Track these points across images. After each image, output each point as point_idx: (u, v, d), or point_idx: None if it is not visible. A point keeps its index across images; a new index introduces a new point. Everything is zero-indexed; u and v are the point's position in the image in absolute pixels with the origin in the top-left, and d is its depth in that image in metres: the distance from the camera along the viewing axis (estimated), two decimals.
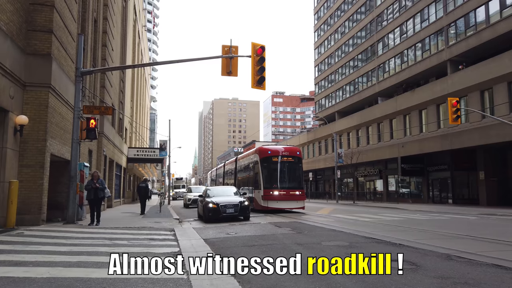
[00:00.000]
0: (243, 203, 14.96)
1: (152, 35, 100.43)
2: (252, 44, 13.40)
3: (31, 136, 11.83)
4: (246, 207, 14.99)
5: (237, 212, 14.68)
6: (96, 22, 20.01)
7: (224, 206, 14.65)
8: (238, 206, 14.77)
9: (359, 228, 12.36)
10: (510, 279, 5.54)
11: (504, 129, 25.15)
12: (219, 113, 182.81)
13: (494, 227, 13.58)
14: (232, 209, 14.64)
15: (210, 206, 14.64)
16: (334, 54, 57.10)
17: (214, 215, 14.52)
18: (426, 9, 36.88)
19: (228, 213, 14.57)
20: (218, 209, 14.53)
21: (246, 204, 15.03)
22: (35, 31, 12.13)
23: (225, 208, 14.62)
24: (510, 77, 26.42)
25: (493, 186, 30.67)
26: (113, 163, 26.00)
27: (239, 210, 14.74)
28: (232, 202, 14.89)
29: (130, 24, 36.06)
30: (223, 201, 14.88)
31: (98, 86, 20.62)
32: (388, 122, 40.81)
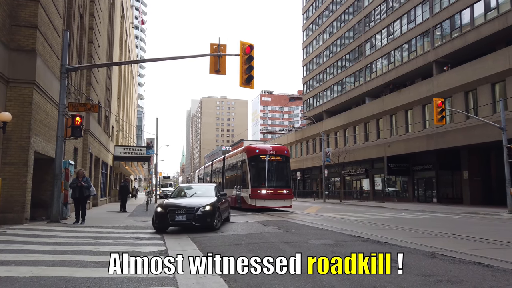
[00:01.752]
0: (203, 208, 10.74)
1: (139, 32, 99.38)
2: (240, 43, 13.38)
3: (14, 133, 11.60)
4: (207, 213, 10.73)
5: (190, 220, 10.49)
6: (82, 18, 19.72)
7: (173, 211, 10.55)
8: (193, 212, 10.54)
9: (346, 227, 12.48)
10: (491, 276, 5.66)
11: (487, 129, 25.65)
12: (207, 111, 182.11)
13: (477, 225, 13.85)
14: (183, 216, 10.50)
15: (157, 211, 10.83)
16: (322, 54, 57.40)
17: (161, 222, 10.69)
18: (413, 10, 37.35)
19: (177, 221, 10.55)
20: (165, 214, 10.54)
21: (208, 209, 10.76)
22: (19, 26, 11.89)
23: (174, 214, 10.52)
24: (493, 78, 26.96)
25: (476, 185, 31.28)
26: (99, 161, 25.69)
27: (194, 217, 10.50)
28: (188, 206, 10.80)
29: (117, 21, 35.63)
30: (176, 204, 10.95)
31: (84, 83, 20.33)
32: (375, 122, 41.23)
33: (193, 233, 10.64)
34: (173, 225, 10.93)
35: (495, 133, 24.47)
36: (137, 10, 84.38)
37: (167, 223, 10.75)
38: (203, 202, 11.17)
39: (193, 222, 10.57)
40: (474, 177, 31.32)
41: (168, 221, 10.65)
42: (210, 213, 10.92)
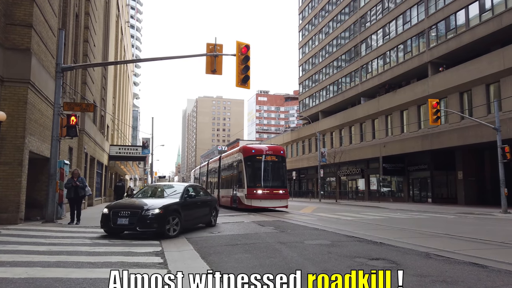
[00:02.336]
0: (151, 211, 9.30)
1: (135, 31, 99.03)
2: (237, 43, 13.37)
3: (9, 133, 11.52)
4: (154, 218, 9.24)
5: (133, 224, 9.24)
6: (77, 17, 19.61)
7: (116, 213, 9.45)
8: (137, 216, 9.24)
9: (341, 227, 12.51)
10: (486, 276, 5.70)
11: (481, 130, 25.83)
12: (203, 111, 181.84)
13: (472, 226, 13.94)
14: (125, 220, 9.28)
15: (103, 211, 9.83)
16: (318, 54, 57.50)
17: (105, 225, 9.64)
18: (408, 11, 37.49)
19: (119, 224, 9.34)
20: (108, 216, 9.50)
21: (156, 213, 9.27)
22: (14, 25, 11.80)
23: (117, 216, 9.40)
24: (488, 79, 27.13)
25: (471, 185, 31.49)
26: (94, 161, 25.57)
27: (137, 221, 9.19)
28: (134, 207, 9.55)
29: (113, 20, 35.47)
30: (122, 205, 9.92)
31: (79, 83, 20.22)
32: (371, 122, 41.37)
33: (189, 233, 10.62)
34: (116, 229, 9.60)
35: (490, 134, 24.65)
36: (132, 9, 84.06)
37: (110, 226, 9.53)
38: (157, 204, 9.70)
39: (137, 227, 9.25)
40: (469, 178, 31.52)
41: (110, 224, 9.44)
42: (159, 218, 9.29)
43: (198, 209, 11.49)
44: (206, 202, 12.22)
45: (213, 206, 12.66)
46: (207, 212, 12.17)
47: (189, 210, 10.77)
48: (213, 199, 13.21)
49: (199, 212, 11.56)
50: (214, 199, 13.22)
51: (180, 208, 10.14)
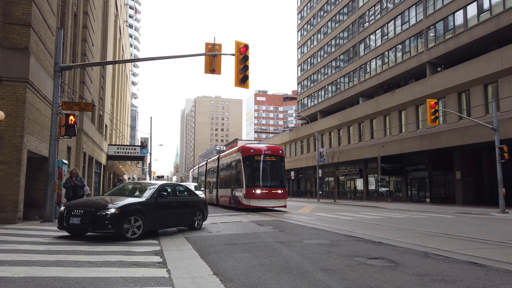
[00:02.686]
0: (104, 211, 8.54)
1: (133, 30, 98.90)
2: (235, 43, 13.38)
3: (7, 132, 11.49)
4: (109, 218, 8.46)
5: (84, 224, 8.55)
6: (76, 17, 19.58)
7: (70, 211, 8.81)
8: (89, 216, 8.54)
9: (340, 227, 12.52)
10: (485, 276, 5.72)
11: (480, 130, 25.91)
12: (202, 111, 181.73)
13: (470, 225, 13.98)
14: (77, 219, 8.61)
15: (60, 209, 9.40)
16: (317, 54, 57.55)
17: (60, 223, 9.02)
18: (407, 11, 37.57)
19: (71, 224, 8.69)
20: (63, 215, 8.90)
21: (112, 213, 8.51)
22: (12, 24, 11.78)
23: (70, 215, 8.75)
24: (486, 79, 27.21)
25: (469, 185, 31.58)
26: (93, 160, 25.54)
27: (89, 221, 8.51)
28: (86, 206, 8.86)
29: (111, 19, 35.43)
30: (78, 204, 9.27)
31: (77, 82, 20.20)
32: (369, 122, 41.43)
33: (186, 232, 10.62)
34: (68, 228, 8.90)
35: (488, 134, 24.73)
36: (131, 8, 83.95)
37: (63, 226, 8.88)
38: (118, 203, 8.98)
39: (89, 228, 8.61)
40: (467, 177, 31.62)
41: (64, 223, 8.81)
42: (114, 218, 8.48)
43: (174, 210, 10.51)
44: (186, 203, 11.21)
45: (197, 207, 11.55)
46: (189, 214, 11.13)
47: (160, 210, 9.87)
48: (198, 200, 11.96)
49: (175, 214, 10.60)
50: (199, 200, 11.95)
51: (144, 208, 9.25)
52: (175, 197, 11.07)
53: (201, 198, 12.47)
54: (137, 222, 8.99)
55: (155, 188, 10.20)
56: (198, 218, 11.54)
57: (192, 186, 24.18)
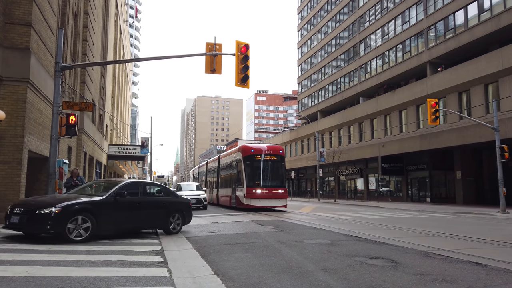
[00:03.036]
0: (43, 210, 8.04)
1: (134, 30, 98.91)
2: (236, 42, 13.37)
3: (8, 132, 11.50)
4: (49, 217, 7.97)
5: (23, 223, 8.14)
6: (76, 16, 19.59)
7: (12, 210, 8.45)
8: (28, 214, 8.10)
9: (341, 226, 12.52)
10: (485, 275, 5.72)
11: (480, 130, 25.89)
12: (202, 110, 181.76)
13: (470, 225, 13.98)
14: (17, 218, 8.18)
15: None
16: (317, 53, 57.53)
17: (5, 222, 8.59)
18: (407, 11, 37.55)
19: (11, 222, 8.28)
20: (6, 213, 8.59)
21: (51, 212, 8.01)
22: (13, 24, 11.78)
23: (11, 214, 8.35)
24: (486, 79, 27.19)
25: (469, 185, 31.57)
26: (93, 160, 25.55)
27: (28, 220, 8.07)
28: (27, 204, 8.43)
29: (112, 19, 35.44)
30: (25, 202, 8.89)
31: (78, 82, 20.20)
32: (369, 122, 41.41)
33: (187, 232, 10.63)
34: (9, 227, 8.37)
35: (488, 134, 24.71)
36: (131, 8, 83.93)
37: (5, 224, 8.43)
38: (65, 202, 8.41)
39: (27, 227, 8.12)
40: (467, 177, 31.60)
41: (6, 222, 8.38)
42: (54, 218, 7.94)
43: (141, 211, 9.71)
44: (158, 204, 10.34)
45: (174, 209, 10.52)
46: (162, 215, 10.18)
47: (121, 211, 9.17)
48: (177, 201, 10.87)
49: (143, 215, 9.79)
50: (178, 202, 10.90)
51: (96, 208, 8.61)
52: (145, 197, 10.18)
53: (183, 199, 11.38)
54: (86, 223, 8.30)
55: (116, 186, 9.45)
56: (176, 221, 10.49)
57: (193, 185, 24.26)
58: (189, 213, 11.12)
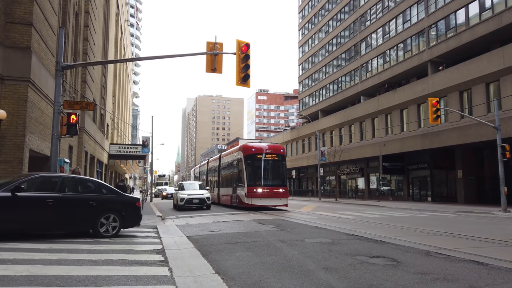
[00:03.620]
0: None
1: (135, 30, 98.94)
2: (237, 41, 13.36)
3: (9, 131, 11.51)
4: None
5: None
6: (77, 16, 19.59)
7: None
8: None
9: (342, 225, 12.51)
10: (487, 274, 5.71)
11: (481, 129, 25.84)
12: (203, 110, 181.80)
13: (471, 224, 13.96)
14: None
15: None
16: (318, 53, 57.47)
17: None
18: (408, 10, 37.47)
19: None
20: None
21: None
22: (14, 23, 11.79)
23: None
24: (488, 78, 27.13)
25: (470, 184, 31.51)
26: (94, 160, 25.57)
27: None
28: None
29: (113, 18, 35.44)
30: None
31: (79, 81, 20.22)
32: (370, 121, 41.36)
33: (187, 231, 10.63)
34: None
35: (489, 133, 24.66)
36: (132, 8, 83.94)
37: None
38: None
39: None
40: (468, 176, 31.54)
41: None
42: None
43: (54, 209, 8.59)
44: (82, 202, 9.07)
45: (107, 209, 9.27)
46: (88, 215, 9.05)
47: (24, 208, 8.27)
48: (111, 199, 9.56)
49: (58, 214, 8.70)
50: (113, 200, 9.56)
51: None
52: (61, 193, 8.82)
53: (125, 197, 10.01)
54: None
55: (19, 180, 8.43)
56: (111, 223, 9.25)
57: (196, 184, 24.02)
58: (133, 213, 9.76)
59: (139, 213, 10.06)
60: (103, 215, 9.18)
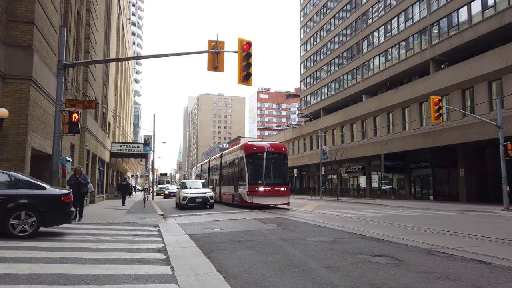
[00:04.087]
0: None
1: (136, 28, 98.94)
2: (238, 40, 13.33)
3: (11, 130, 11.53)
4: None
5: None
6: (79, 14, 19.59)
7: None
8: None
9: (343, 224, 12.49)
10: (489, 273, 5.69)
11: (483, 127, 25.76)
12: (204, 108, 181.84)
13: (474, 223, 13.93)
14: None
15: None
16: (320, 51, 57.37)
17: None
18: (410, 8, 37.36)
19: None
20: None
21: None
22: (15, 22, 11.80)
23: None
24: (490, 76, 27.04)
25: (472, 183, 31.45)
26: (96, 158, 25.61)
27: None
28: None
29: (114, 17, 35.44)
30: None
31: (81, 80, 20.23)
32: (372, 120, 41.30)
33: (189, 230, 10.64)
34: None
35: (492, 131, 24.58)
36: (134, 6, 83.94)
37: None
38: None
39: None
40: (470, 175, 31.48)
41: None
42: None
43: None
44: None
45: (19, 205, 8.25)
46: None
47: None
48: (25, 194, 8.42)
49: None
50: (28, 195, 8.45)
51: None
52: None
53: (44, 193, 8.74)
54: None
55: None
56: (27, 220, 8.28)
57: (199, 183, 23.71)
58: (57, 209, 8.77)
59: (68, 209, 8.94)
60: (15, 213, 8.16)
